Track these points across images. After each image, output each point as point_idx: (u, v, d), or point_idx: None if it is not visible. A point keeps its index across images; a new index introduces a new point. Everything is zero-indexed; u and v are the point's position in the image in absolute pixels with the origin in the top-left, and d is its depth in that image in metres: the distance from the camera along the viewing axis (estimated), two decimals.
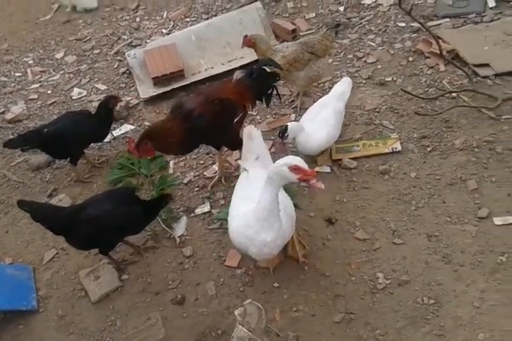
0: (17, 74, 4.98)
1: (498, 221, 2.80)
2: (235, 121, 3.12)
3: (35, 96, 4.58)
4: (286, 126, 3.08)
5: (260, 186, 2.33)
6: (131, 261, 3.09)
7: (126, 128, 4.00)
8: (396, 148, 3.36)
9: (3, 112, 4.50)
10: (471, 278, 2.61)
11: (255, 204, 2.33)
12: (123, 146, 3.86)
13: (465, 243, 2.76)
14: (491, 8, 4.34)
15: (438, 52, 3.72)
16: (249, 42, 3.57)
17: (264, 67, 3.26)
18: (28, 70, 4.96)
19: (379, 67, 4.10)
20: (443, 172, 3.15)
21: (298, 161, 2.19)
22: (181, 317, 2.76)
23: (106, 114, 3.59)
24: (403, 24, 4.42)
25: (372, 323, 2.55)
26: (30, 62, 5.08)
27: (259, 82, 3.19)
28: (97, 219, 2.71)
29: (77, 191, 3.66)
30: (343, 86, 3.49)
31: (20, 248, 3.37)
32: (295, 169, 2.16)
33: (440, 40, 4.04)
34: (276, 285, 2.79)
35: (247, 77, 3.17)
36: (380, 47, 4.28)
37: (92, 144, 3.76)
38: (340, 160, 3.38)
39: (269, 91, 3.29)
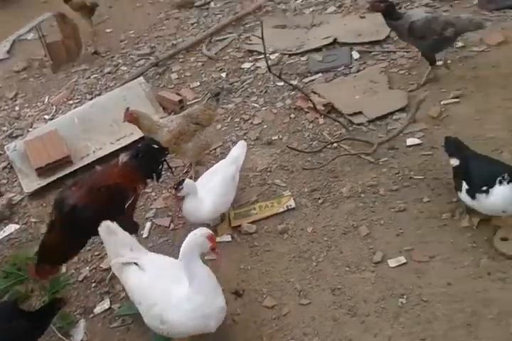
0: None
1: (392, 263, 2.89)
2: (127, 205, 3.04)
3: None
4: (183, 179, 3.09)
5: (166, 268, 2.41)
6: None
7: (11, 228, 3.79)
8: (290, 206, 3.43)
9: None
10: (377, 327, 2.63)
11: (189, 284, 2.38)
12: (8, 250, 3.60)
13: (366, 291, 2.80)
14: (356, 59, 4.74)
15: (315, 106, 3.96)
16: (130, 116, 3.54)
17: (151, 144, 3.26)
18: None
19: (265, 127, 4.26)
20: (336, 223, 3.24)
21: (209, 231, 2.44)
22: None
23: None
24: (281, 83, 4.67)
25: None
26: None
27: (147, 160, 3.18)
28: None
29: None
30: (238, 150, 3.57)
31: None
32: (210, 238, 2.38)
33: (316, 95, 4.35)
34: None
35: (133, 158, 3.14)
36: (263, 108, 4.47)
37: None
38: (240, 226, 3.38)
39: (159, 168, 3.28)
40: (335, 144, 3.82)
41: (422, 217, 3.10)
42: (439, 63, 4.13)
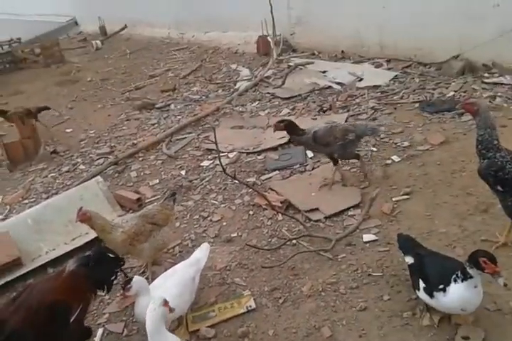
0: None
1: None
2: (72, 319, 2.80)
3: None
4: (131, 278, 2.93)
5: None
6: None
7: None
8: (250, 306, 3.31)
9: None
10: None
11: None
12: None
13: None
14: (310, 158, 5.00)
15: (271, 204, 4.05)
16: (83, 216, 3.43)
17: (104, 252, 3.15)
18: None
19: (224, 224, 4.27)
20: (298, 324, 3.13)
21: (162, 298, 2.61)
22: None
23: None
24: None
25: None
26: None
27: (99, 269, 3.01)
28: None
29: None
30: (201, 252, 3.49)
31: None
32: (166, 304, 2.58)
33: (273, 192, 4.47)
34: None
35: (82, 266, 2.98)
36: (222, 205, 4.53)
37: None
38: (198, 330, 3.20)
39: (112, 279, 3.13)
40: (294, 241, 3.85)
41: (383, 315, 3.04)
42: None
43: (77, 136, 6.60)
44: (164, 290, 3.10)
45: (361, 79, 6.76)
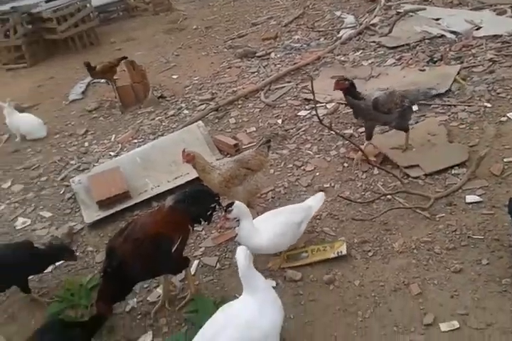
0: None
1: (444, 327, 2.70)
2: (174, 250, 3.03)
3: None
4: (233, 202, 3.08)
5: None
6: None
7: None
8: (341, 252, 3.31)
9: None
10: None
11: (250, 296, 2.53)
12: (65, 275, 3.72)
13: None
14: (414, 111, 4.70)
15: (367, 158, 3.94)
16: (188, 156, 3.58)
17: (200, 189, 3.31)
18: None
19: (317, 174, 4.26)
20: (386, 278, 3.10)
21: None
22: None
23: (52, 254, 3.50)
24: None
25: None
26: None
27: (194, 206, 3.18)
28: None
29: (13, 330, 3.42)
30: (315, 200, 3.50)
31: None
32: None
33: (371, 145, 4.32)
34: None
35: (180, 203, 3.15)
36: (316, 155, 4.50)
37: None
38: (285, 271, 3.32)
39: (208, 214, 3.28)
40: (389, 196, 3.74)
41: (479, 280, 2.90)
42: None
43: (183, 82, 6.83)
44: (268, 226, 3.20)
45: (479, 28, 6.08)
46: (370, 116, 4.05)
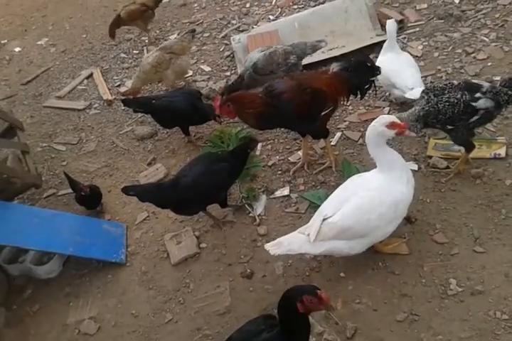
0: (135, 51, 5.39)
1: None
2: (323, 113, 3.13)
3: None
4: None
5: None
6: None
7: None
8: (499, 155, 3.12)
9: (118, 85, 4.95)
10: None
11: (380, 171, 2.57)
12: (217, 125, 4.04)
13: None
14: None
15: None
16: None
17: (364, 61, 3.21)
18: (145, 49, 5.37)
19: (489, 64, 3.83)
20: None
21: (392, 118, 2.47)
22: (248, 290, 2.91)
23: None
24: None
25: (435, 328, 2.48)
26: (146, 41, 5.49)
27: (357, 76, 3.15)
28: (194, 183, 2.93)
29: (172, 162, 3.96)
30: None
31: (118, 207, 3.74)
32: (392, 125, 2.43)
33: None
34: (342, 275, 2.82)
35: (343, 71, 3.14)
36: (493, 44, 3.99)
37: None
38: (431, 157, 3.26)
39: (366, 87, 3.24)
40: None
41: None
42: None
43: None
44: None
45: None
46: (252, 82, 3.84)
